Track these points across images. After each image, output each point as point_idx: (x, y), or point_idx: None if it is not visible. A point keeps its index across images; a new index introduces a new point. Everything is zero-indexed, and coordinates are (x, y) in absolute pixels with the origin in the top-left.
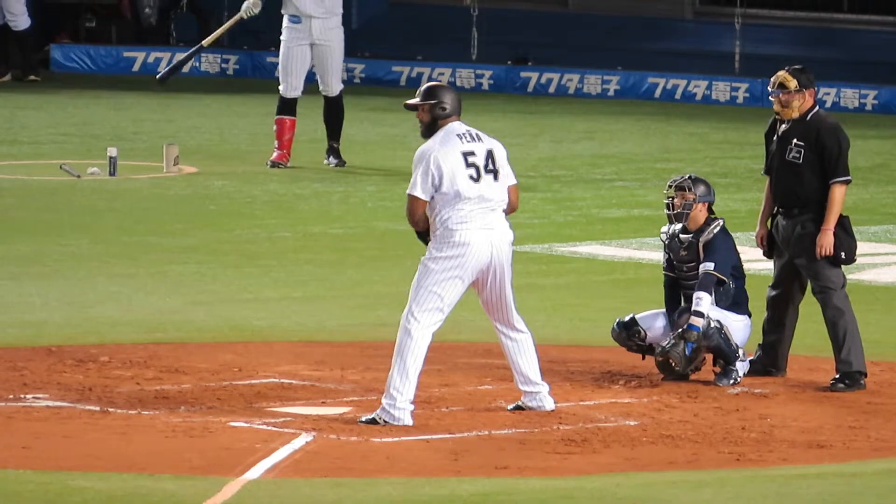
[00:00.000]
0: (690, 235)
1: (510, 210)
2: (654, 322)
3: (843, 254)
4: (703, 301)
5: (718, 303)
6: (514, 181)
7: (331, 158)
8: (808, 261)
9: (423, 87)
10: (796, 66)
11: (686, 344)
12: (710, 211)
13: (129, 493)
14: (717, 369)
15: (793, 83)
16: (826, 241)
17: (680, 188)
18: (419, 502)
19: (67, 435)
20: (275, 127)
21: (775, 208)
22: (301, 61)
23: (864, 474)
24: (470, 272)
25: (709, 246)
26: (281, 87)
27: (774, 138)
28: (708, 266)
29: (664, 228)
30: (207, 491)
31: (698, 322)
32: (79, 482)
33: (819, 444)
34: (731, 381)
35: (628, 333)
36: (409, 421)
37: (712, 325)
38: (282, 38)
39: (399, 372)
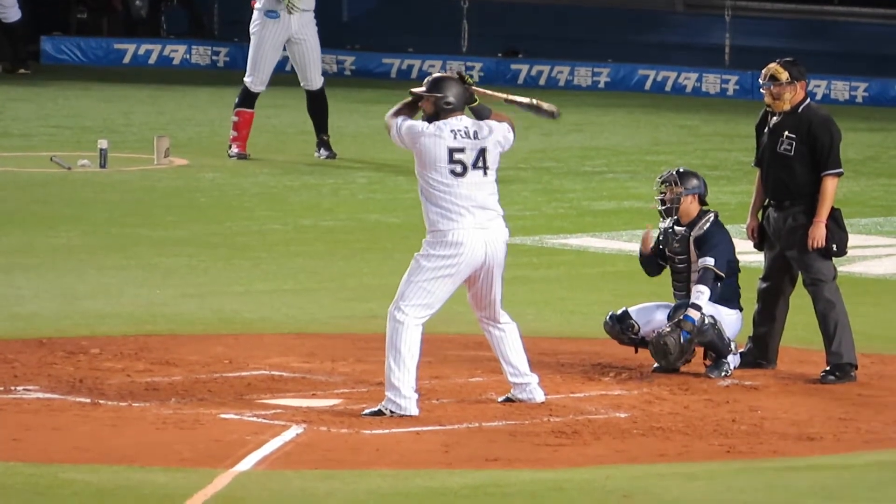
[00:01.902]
0: (684, 229)
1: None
2: (647, 315)
3: (834, 246)
4: (703, 295)
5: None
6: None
7: (322, 151)
8: (799, 253)
9: (431, 77)
10: (787, 59)
11: (682, 333)
12: (702, 203)
13: (119, 486)
14: (709, 362)
15: (784, 75)
16: (818, 234)
17: (666, 182)
18: (409, 494)
19: (58, 427)
20: (236, 118)
21: (766, 200)
22: (273, 57)
23: (855, 466)
24: (463, 271)
25: (705, 240)
26: (248, 80)
27: (765, 130)
28: (708, 261)
29: (661, 223)
30: (198, 483)
31: (695, 315)
32: (69, 474)
33: (809, 437)
34: (723, 374)
35: (622, 327)
36: (414, 410)
37: (707, 320)
38: (253, 30)
39: (396, 362)
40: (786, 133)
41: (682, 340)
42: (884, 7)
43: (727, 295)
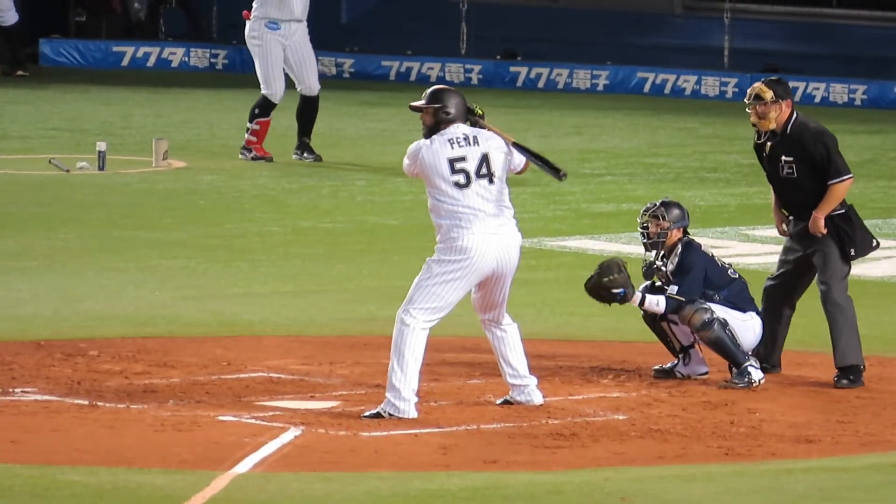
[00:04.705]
0: (664, 263)
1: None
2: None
3: (852, 250)
4: (660, 303)
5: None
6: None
7: (306, 154)
8: (822, 249)
9: (429, 90)
10: (772, 78)
11: (623, 280)
12: (684, 234)
13: (117, 487)
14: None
15: (769, 94)
16: (816, 227)
17: (654, 216)
18: (408, 496)
19: (56, 429)
20: (258, 127)
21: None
22: (280, 65)
23: (852, 469)
24: (474, 277)
25: (677, 272)
26: (267, 93)
27: (764, 155)
28: (672, 289)
29: (644, 260)
30: (196, 485)
31: (661, 299)
32: (67, 476)
33: (807, 439)
34: (746, 382)
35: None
36: (413, 413)
37: (716, 326)
38: (256, 43)
39: (399, 364)
40: (783, 158)
41: (613, 272)
42: (882, 10)
43: (737, 302)
